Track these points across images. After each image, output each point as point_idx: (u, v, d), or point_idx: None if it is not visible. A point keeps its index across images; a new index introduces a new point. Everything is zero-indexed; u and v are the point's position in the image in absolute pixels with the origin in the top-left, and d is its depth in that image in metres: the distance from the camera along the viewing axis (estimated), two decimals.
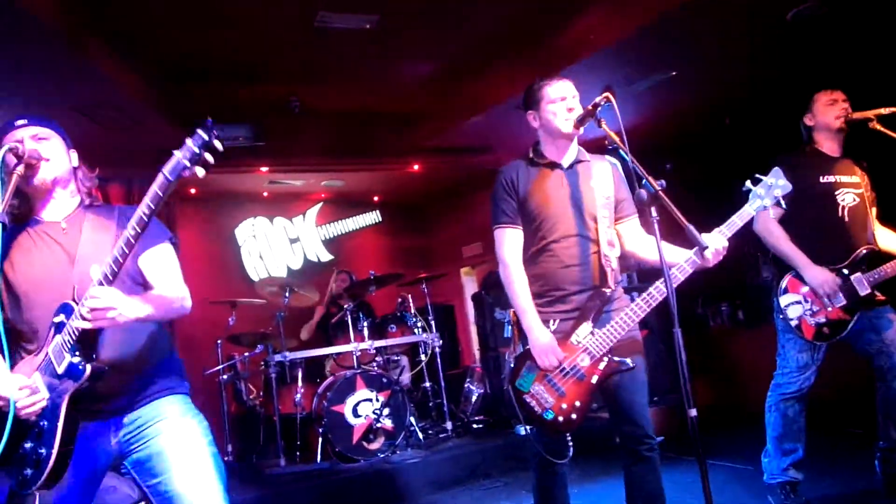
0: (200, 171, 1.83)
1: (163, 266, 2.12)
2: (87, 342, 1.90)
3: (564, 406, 2.51)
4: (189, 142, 1.83)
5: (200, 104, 5.55)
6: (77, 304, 1.86)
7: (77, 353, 1.88)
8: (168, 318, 2.09)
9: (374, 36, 4.66)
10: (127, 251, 1.85)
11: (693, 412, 2.04)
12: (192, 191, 7.06)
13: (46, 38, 3.79)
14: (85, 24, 4.10)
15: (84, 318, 1.82)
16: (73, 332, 1.87)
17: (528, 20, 4.76)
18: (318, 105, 5.88)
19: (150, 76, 5.03)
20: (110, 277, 1.86)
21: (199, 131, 1.82)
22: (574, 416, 2.51)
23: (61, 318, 1.91)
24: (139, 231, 1.85)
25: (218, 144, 1.82)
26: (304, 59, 5.09)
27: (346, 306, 5.51)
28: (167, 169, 1.83)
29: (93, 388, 1.91)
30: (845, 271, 3.10)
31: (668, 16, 4.35)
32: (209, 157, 1.82)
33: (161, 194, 1.83)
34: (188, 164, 1.81)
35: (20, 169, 1.94)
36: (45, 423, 1.89)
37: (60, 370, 1.89)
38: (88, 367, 1.87)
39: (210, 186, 6.93)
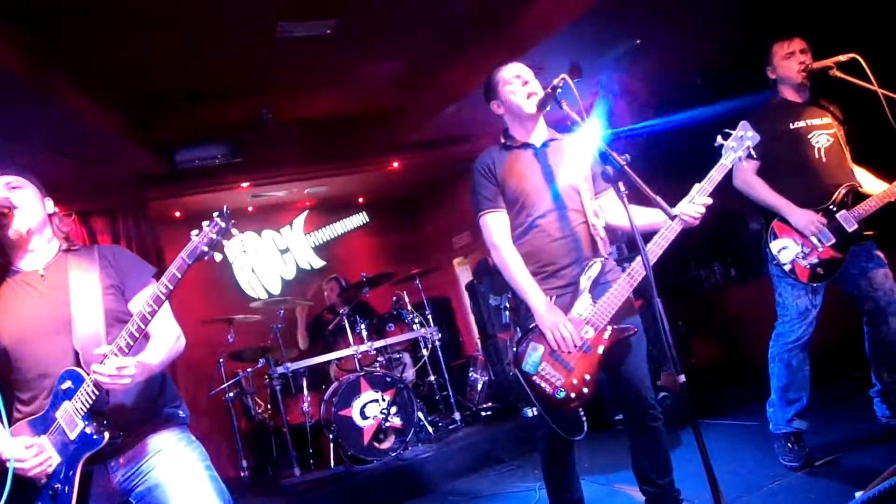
0: (218, 256, 1.95)
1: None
2: (98, 409, 1.96)
3: (575, 381, 2.52)
4: (206, 227, 1.94)
5: (173, 127, 5.56)
6: (84, 370, 1.93)
7: (90, 420, 1.93)
8: (171, 361, 2.15)
9: (337, 40, 4.66)
10: (143, 326, 1.94)
11: (682, 378, 2.06)
12: (178, 213, 7.06)
13: (9, 83, 3.78)
14: (46, 63, 4.09)
15: (101, 386, 1.89)
16: (87, 400, 1.92)
17: (489, 3, 4.73)
18: (291, 114, 5.89)
19: (119, 106, 5.03)
20: (126, 351, 1.92)
21: (217, 219, 1.94)
22: (586, 389, 2.52)
23: (68, 384, 1.95)
24: (155, 308, 1.95)
25: (235, 231, 1.95)
26: (270, 71, 5.09)
27: (341, 311, 5.54)
28: (185, 253, 1.95)
29: None
30: (832, 208, 3.11)
31: None
32: (226, 243, 1.95)
33: (179, 276, 1.95)
34: (206, 250, 1.93)
35: None
36: (59, 485, 1.93)
37: (72, 436, 1.94)
38: (106, 436, 1.93)
39: (193, 207, 6.93)
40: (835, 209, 3.11)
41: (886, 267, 3.14)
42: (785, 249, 3.16)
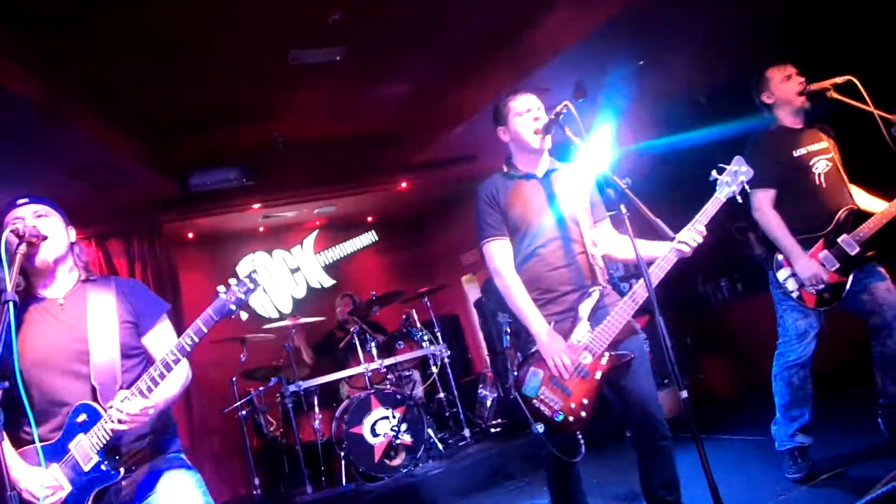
0: (244, 315, 2.04)
1: (167, 345, 2.22)
2: (114, 445, 2.04)
3: (573, 405, 2.58)
4: (234, 286, 2.02)
5: (188, 152, 5.69)
6: (101, 407, 2.01)
7: (105, 456, 2.01)
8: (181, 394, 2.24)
9: (347, 66, 4.78)
10: (166, 373, 2.02)
11: (684, 394, 2.12)
12: (190, 235, 7.18)
13: (28, 111, 3.91)
14: (65, 91, 4.23)
15: (121, 424, 1.97)
16: (104, 436, 1.99)
17: (495, 26, 4.83)
18: (302, 137, 6.01)
19: (135, 132, 5.16)
20: (146, 394, 2.00)
21: (246, 280, 2.03)
22: (583, 413, 2.58)
23: (83, 417, 2.02)
24: (180, 357, 2.03)
25: (260, 292, 2.04)
26: (282, 96, 5.22)
27: (352, 329, 5.62)
28: (212, 310, 2.03)
29: None
30: (832, 236, 3.17)
31: (632, 6, 4.40)
32: (252, 305, 2.02)
33: (205, 330, 2.03)
34: (233, 308, 2.02)
35: (22, 248, 2.03)
36: None
37: (87, 468, 2.01)
38: (122, 471, 2.02)
39: (207, 229, 7.06)
40: (835, 236, 3.18)
41: (887, 280, 3.18)
42: (791, 277, 3.22)
